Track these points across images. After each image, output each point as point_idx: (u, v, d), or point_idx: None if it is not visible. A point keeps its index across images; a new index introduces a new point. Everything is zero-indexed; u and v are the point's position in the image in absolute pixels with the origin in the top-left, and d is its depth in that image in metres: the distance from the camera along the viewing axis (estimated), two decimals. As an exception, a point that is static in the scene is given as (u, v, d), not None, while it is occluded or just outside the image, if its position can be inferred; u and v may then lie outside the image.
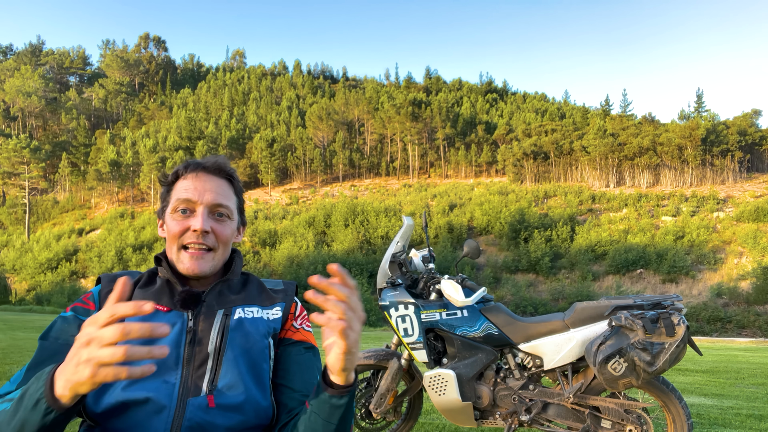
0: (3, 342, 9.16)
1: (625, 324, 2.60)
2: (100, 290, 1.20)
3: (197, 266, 1.17)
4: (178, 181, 1.23)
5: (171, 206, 1.21)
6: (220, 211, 1.21)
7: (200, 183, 1.21)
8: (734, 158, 53.38)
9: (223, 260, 1.24)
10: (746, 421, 4.21)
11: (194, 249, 1.17)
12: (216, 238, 1.20)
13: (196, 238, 1.17)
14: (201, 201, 1.19)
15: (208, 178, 1.22)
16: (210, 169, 1.23)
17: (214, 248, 1.20)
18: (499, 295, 34.75)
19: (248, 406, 1.10)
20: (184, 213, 1.19)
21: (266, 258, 40.82)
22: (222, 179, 1.24)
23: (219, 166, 1.24)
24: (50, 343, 1.10)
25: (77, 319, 1.14)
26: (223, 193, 1.23)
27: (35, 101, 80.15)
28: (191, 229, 1.17)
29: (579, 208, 47.68)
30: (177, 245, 1.18)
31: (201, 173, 1.22)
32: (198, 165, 1.23)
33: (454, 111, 75.60)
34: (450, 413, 2.95)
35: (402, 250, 3.24)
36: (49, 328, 1.13)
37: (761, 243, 36.88)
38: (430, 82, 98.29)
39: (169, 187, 1.25)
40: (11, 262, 46.80)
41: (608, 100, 76.03)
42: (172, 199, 1.22)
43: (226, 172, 1.25)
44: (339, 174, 68.82)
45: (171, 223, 1.19)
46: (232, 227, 1.24)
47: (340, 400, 0.99)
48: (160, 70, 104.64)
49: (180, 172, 1.24)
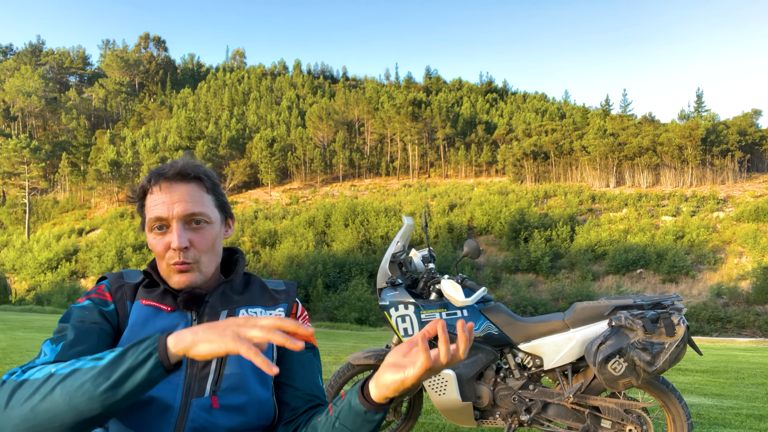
0: (3, 342, 9.16)
1: (625, 324, 2.60)
2: (111, 284, 1.19)
3: (187, 280, 1.14)
4: (147, 196, 1.16)
5: (147, 224, 1.16)
6: (196, 218, 1.15)
7: (167, 195, 1.13)
8: (734, 158, 53.37)
9: (214, 266, 1.20)
10: (746, 421, 4.21)
11: (179, 266, 1.14)
12: (196, 250, 1.15)
13: (177, 257, 1.13)
14: (172, 215, 1.12)
15: (174, 188, 1.14)
16: (173, 178, 1.14)
17: (197, 261, 1.15)
18: (499, 295, 34.76)
19: (251, 407, 1.10)
20: (161, 230, 1.14)
21: (266, 258, 40.83)
22: (189, 183, 1.16)
23: (180, 171, 1.15)
24: (77, 324, 1.09)
25: (96, 307, 1.13)
26: (194, 200, 1.15)
27: (35, 101, 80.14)
28: (171, 247, 1.13)
29: (579, 208, 47.68)
30: (165, 263, 1.15)
31: (164, 184, 1.14)
32: (160, 175, 1.15)
33: (454, 111, 75.60)
34: (450, 413, 2.95)
35: (402, 250, 3.24)
36: (68, 314, 1.12)
37: (761, 243, 36.88)
38: (430, 82, 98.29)
39: (141, 203, 1.18)
40: (11, 262, 46.81)
41: (608, 100, 76.09)
42: (146, 215, 1.16)
43: (191, 176, 1.16)
44: (339, 174, 68.82)
45: (152, 242, 1.15)
46: (212, 232, 1.17)
47: (375, 415, 0.97)
48: (160, 70, 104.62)
49: (146, 187, 1.16)
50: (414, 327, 2.98)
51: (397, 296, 3.02)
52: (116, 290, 1.17)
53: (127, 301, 1.16)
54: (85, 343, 1.06)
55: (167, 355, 0.85)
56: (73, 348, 1.04)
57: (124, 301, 1.15)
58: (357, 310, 28.74)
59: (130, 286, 1.18)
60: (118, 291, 1.17)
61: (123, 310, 1.15)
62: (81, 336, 1.07)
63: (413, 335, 3.02)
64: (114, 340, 1.12)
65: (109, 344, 1.10)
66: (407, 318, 2.98)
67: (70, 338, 1.05)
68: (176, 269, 1.14)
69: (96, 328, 1.10)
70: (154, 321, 1.13)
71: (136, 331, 1.11)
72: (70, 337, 1.06)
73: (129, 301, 1.16)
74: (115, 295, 1.16)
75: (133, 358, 0.86)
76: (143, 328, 1.11)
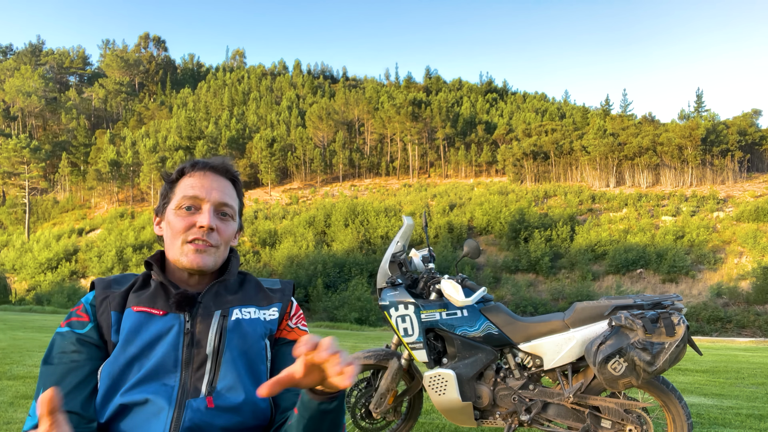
0: (3, 342, 9.16)
1: (625, 324, 2.60)
2: (93, 298, 1.19)
3: (201, 260, 1.17)
4: (183, 179, 1.23)
5: (175, 202, 1.21)
6: (224, 210, 1.22)
7: (207, 181, 1.22)
8: (734, 158, 53.35)
9: (223, 259, 1.24)
10: (746, 421, 4.21)
11: (198, 243, 1.17)
12: (219, 236, 1.20)
13: (201, 235, 1.17)
14: (208, 198, 1.20)
15: (215, 178, 1.23)
16: (218, 169, 1.25)
17: (217, 246, 1.20)
18: (499, 295, 34.75)
19: (246, 407, 1.10)
20: (189, 210, 1.19)
21: (266, 258, 40.82)
22: (227, 180, 1.26)
23: (226, 166, 1.26)
24: (55, 366, 1.11)
25: (74, 334, 1.14)
26: (229, 194, 1.24)
27: (35, 101, 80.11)
28: (197, 225, 1.17)
29: (579, 208, 47.66)
30: (181, 240, 1.18)
31: (209, 172, 1.23)
32: (206, 164, 1.25)
33: (454, 111, 75.57)
34: (450, 413, 2.95)
35: (402, 249, 3.24)
36: (50, 349, 1.14)
37: (761, 243, 36.87)
38: (430, 82, 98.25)
39: (171, 185, 1.25)
40: (11, 262, 46.78)
41: (608, 100, 76.08)
42: (176, 195, 1.22)
43: (231, 174, 1.27)
44: (339, 174, 68.80)
45: (174, 219, 1.19)
46: (234, 227, 1.25)
47: (330, 404, 0.97)
48: (160, 70, 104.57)
49: (186, 170, 1.24)
50: (414, 327, 2.98)
51: (397, 296, 3.02)
52: (100, 303, 1.18)
53: (112, 311, 1.16)
54: (64, 387, 1.09)
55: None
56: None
57: (109, 312, 1.16)
58: (357, 310, 28.72)
59: (117, 294, 1.19)
60: (102, 304, 1.18)
61: (107, 321, 1.16)
62: (59, 380, 1.10)
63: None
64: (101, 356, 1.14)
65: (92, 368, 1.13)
66: (407, 318, 2.98)
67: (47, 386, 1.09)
68: (194, 247, 1.17)
69: (74, 361, 1.12)
70: (147, 327, 1.13)
71: (131, 339, 1.12)
72: (46, 385, 1.09)
73: (115, 311, 1.16)
74: (98, 309, 1.17)
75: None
76: (137, 335, 1.12)
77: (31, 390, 4.97)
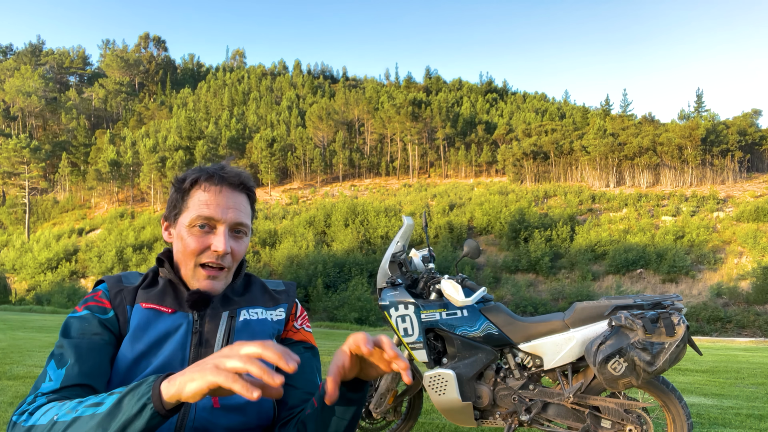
0: (3, 342, 9.17)
1: (625, 324, 2.60)
2: (109, 289, 1.18)
3: (212, 286, 1.15)
4: (196, 190, 1.16)
5: (188, 218, 1.15)
6: (239, 228, 1.17)
7: (223, 199, 1.15)
8: (734, 158, 53.36)
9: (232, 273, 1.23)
10: (746, 421, 4.21)
11: (210, 269, 1.15)
12: (233, 258, 1.17)
13: (215, 258, 1.14)
14: (224, 219, 1.14)
15: (231, 194, 1.16)
16: (234, 185, 1.18)
17: (229, 267, 1.18)
18: (499, 295, 34.75)
19: (251, 407, 1.11)
20: (203, 228, 1.14)
21: (266, 258, 40.81)
22: (243, 194, 1.20)
23: (242, 181, 1.19)
24: (78, 340, 1.08)
25: (96, 317, 1.12)
26: (244, 210, 1.19)
27: (35, 101, 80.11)
28: (212, 248, 1.13)
29: (579, 208, 47.66)
30: (194, 263, 1.15)
31: (225, 188, 1.16)
32: (222, 179, 1.16)
33: (454, 111, 75.57)
34: (450, 413, 2.95)
35: (402, 249, 3.24)
36: (67, 327, 1.11)
37: (761, 243, 36.87)
38: (430, 82, 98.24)
39: (183, 194, 1.18)
40: (11, 262, 46.79)
41: (608, 100, 75.98)
42: (189, 209, 1.16)
43: (247, 187, 1.21)
44: (339, 174, 68.80)
45: (188, 238, 1.14)
46: (246, 243, 1.21)
47: (355, 394, 1.01)
48: (160, 70, 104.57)
49: (200, 181, 1.17)
50: (414, 327, 2.98)
51: (397, 296, 3.02)
52: (115, 295, 1.16)
53: (127, 305, 1.15)
54: (88, 361, 1.06)
55: (162, 403, 0.83)
56: (77, 369, 1.04)
57: (124, 306, 1.15)
58: (357, 310, 28.73)
59: (129, 290, 1.18)
60: (117, 296, 1.16)
61: (123, 315, 1.14)
62: (83, 355, 1.06)
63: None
64: (116, 347, 1.12)
65: (112, 354, 1.10)
66: (407, 318, 2.98)
67: (73, 359, 1.05)
68: (207, 274, 1.14)
69: (98, 341, 1.09)
70: (155, 324, 1.13)
71: (138, 336, 1.11)
72: (72, 358, 1.05)
73: (129, 305, 1.15)
74: (114, 300, 1.16)
75: (129, 408, 0.84)
76: (145, 332, 1.12)
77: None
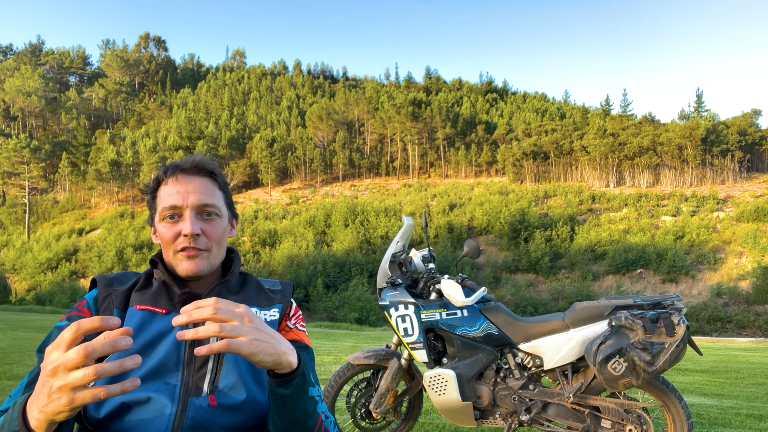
0: (3, 342, 9.16)
1: (625, 324, 2.60)
2: (97, 295, 1.19)
3: (195, 266, 1.17)
4: (161, 188, 1.21)
5: (158, 214, 1.20)
6: (207, 210, 1.20)
7: (182, 186, 1.19)
8: (734, 158, 53.36)
9: (220, 259, 1.24)
10: (746, 421, 4.21)
11: (188, 251, 1.17)
12: (208, 239, 1.19)
13: (188, 242, 1.16)
14: (186, 204, 1.18)
15: (190, 179, 1.20)
16: (189, 170, 1.21)
17: (208, 249, 1.19)
18: (499, 295, 34.75)
19: (248, 406, 1.11)
20: (173, 218, 1.18)
21: (266, 258, 40.81)
22: (204, 177, 1.22)
23: (197, 164, 1.22)
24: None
25: None
26: (208, 192, 1.21)
27: (35, 101, 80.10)
28: (182, 233, 1.17)
29: (579, 208, 47.66)
30: (172, 250, 1.18)
31: (180, 176, 1.20)
32: (176, 168, 1.21)
33: (454, 111, 75.55)
34: (450, 413, 2.95)
35: (402, 249, 3.24)
36: (46, 339, 1.12)
37: (761, 243, 36.87)
38: (430, 82, 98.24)
39: (153, 195, 1.23)
40: (11, 262, 46.79)
41: (608, 100, 75.91)
42: (158, 206, 1.21)
43: (206, 170, 1.23)
44: (339, 174, 68.79)
45: (162, 230, 1.19)
46: (222, 225, 1.23)
47: (286, 390, 1.01)
48: (160, 70, 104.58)
49: (161, 178, 1.22)
50: (414, 327, 2.98)
51: (397, 296, 3.02)
52: (102, 300, 1.18)
53: (115, 309, 1.16)
54: None
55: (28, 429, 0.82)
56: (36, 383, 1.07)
57: (111, 310, 1.16)
58: (357, 310, 28.72)
59: (120, 292, 1.19)
60: (104, 301, 1.18)
61: None
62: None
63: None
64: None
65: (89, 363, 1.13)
66: (407, 318, 2.98)
67: (37, 373, 1.07)
68: (185, 255, 1.17)
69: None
70: (149, 326, 1.14)
71: (133, 337, 1.11)
72: (37, 372, 1.07)
73: (117, 309, 1.16)
74: (101, 306, 1.17)
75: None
76: (139, 334, 1.12)
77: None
